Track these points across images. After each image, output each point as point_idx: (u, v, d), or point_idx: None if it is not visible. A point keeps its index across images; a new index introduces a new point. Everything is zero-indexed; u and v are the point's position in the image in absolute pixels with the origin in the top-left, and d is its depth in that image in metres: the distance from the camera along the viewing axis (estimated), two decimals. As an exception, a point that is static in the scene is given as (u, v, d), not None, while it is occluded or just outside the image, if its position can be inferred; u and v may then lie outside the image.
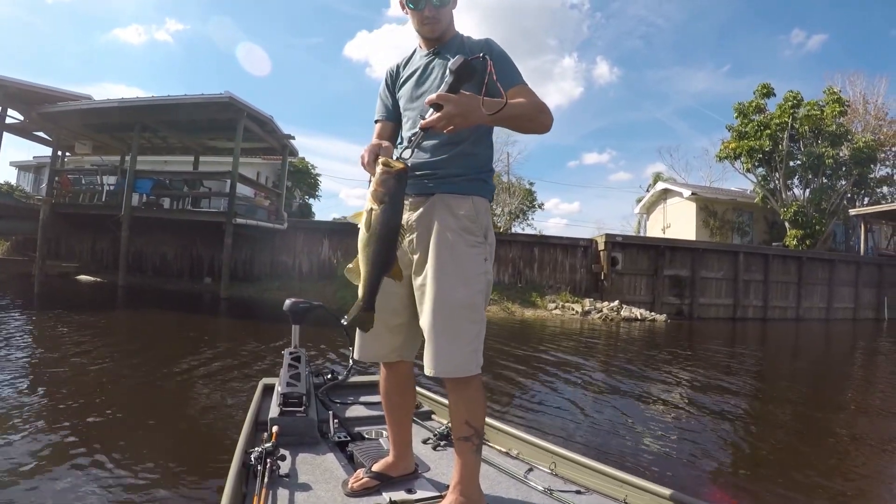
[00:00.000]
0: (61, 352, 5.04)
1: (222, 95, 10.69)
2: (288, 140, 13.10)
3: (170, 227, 12.31)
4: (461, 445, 1.50)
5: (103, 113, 11.88)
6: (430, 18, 1.54)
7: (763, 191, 18.94)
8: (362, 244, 1.30)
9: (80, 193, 12.89)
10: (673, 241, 15.65)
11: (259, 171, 16.74)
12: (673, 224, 20.53)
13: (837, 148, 17.89)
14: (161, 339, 6.55)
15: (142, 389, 3.98)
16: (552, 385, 4.97)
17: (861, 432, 4.01)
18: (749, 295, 14.86)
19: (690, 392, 5.06)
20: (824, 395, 5.65)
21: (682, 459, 3.13)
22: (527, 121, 1.44)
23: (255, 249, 12.72)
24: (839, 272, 16.27)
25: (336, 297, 11.13)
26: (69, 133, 13.19)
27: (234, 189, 11.21)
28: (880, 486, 3.04)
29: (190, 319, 8.68)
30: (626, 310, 12.56)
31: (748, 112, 18.58)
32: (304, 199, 18.96)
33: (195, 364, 4.83)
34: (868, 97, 21.04)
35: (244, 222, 11.36)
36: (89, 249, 13.63)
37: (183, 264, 13.12)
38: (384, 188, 1.27)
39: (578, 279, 13.51)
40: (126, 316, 8.60)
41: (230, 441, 2.90)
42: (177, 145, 14.21)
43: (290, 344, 2.52)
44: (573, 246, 13.63)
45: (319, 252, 12.81)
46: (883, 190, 20.22)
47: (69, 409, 3.35)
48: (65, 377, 4.14)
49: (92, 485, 2.28)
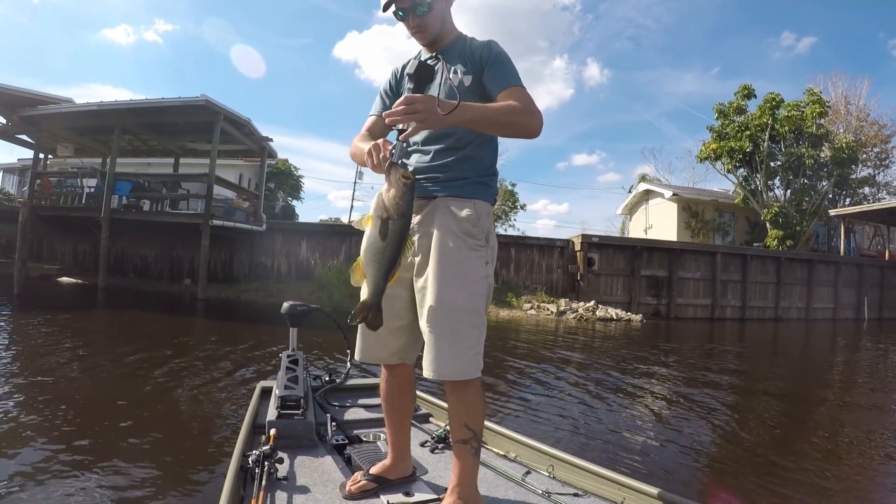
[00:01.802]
0: (34, 353, 5.01)
1: (198, 98, 10.81)
2: (266, 142, 13.23)
3: (151, 229, 12.42)
4: (460, 448, 1.50)
5: (83, 116, 12.01)
6: (418, 27, 1.54)
7: (744, 191, 19.09)
8: (375, 250, 1.32)
9: (62, 196, 13.01)
10: (650, 242, 15.79)
11: (242, 172, 16.87)
12: (655, 225, 20.66)
13: (818, 149, 18.04)
14: (129, 340, 6.54)
15: (119, 390, 3.92)
16: (519, 385, 5.01)
17: (849, 426, 4.12)
18: (727, 295, 15.00)
19: (654, 389, 5.11)
20: (809, 392, 5.72)
21: (638, 457, 3.14)
22: (499, 125, 1.39)
23: (233, 251, 12.85)
24: (818, 272, 16.41)
25: (313, 297, 11.26)
26: (51, 136, 13.30)
27: (210, 191, 11.33)
28: (872, 483, 3.09)
29: (163, 320, 8.79)
30: (601, 310, 12.68)
31: (729, 113, 18.74)
32: (287, 200, 19.09)
33: (161, 364, 4.85)
34: (850, 98, 21.22)
35: (221, 224, 11.49)
36: (71, 251, 13.74)
37: (163, 266, 13.24)
38: (404, 202, 1.29)
39: (555, 279, 13.64)
40: (99, 316, 8.70)
41: (212, 444, 2.96)
42: (157, 148, 14.34)
43: (288, 347, 2.52)
44: (550, 246, 13.76)
45: (298, 253, 12.94)
46: (864, 191, 20.39)
47: (53, 413, 3.27)
48: (40, 380, 4.04)
49: (87, 490, 2.25)
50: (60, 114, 11.98)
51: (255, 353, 5.81)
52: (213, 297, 11.42)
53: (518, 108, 1.38)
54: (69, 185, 13.13)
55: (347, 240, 12.87)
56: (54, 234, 13.40)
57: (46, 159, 14.57)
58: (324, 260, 12.64)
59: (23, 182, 18.77)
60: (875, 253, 19.96)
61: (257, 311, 10.25)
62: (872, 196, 20.34)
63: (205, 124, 11.61)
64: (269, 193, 18.01)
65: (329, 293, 11.48)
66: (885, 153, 21.05)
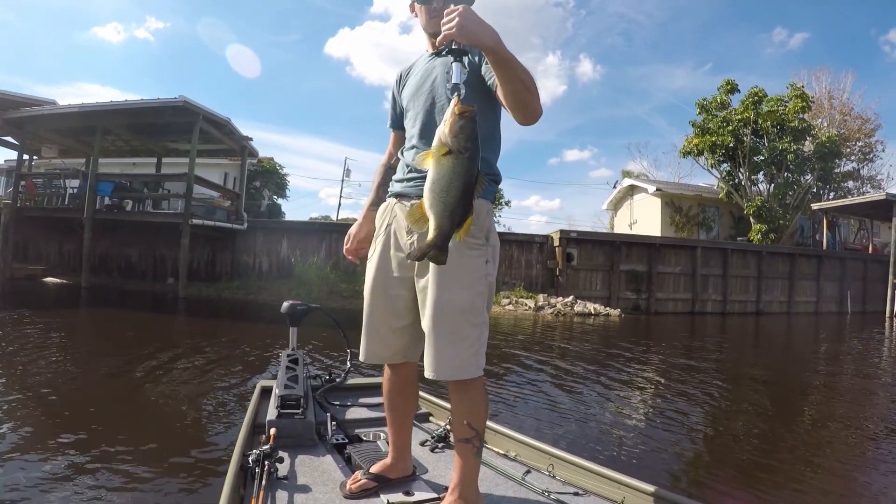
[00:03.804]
0: (11, 353, 5.00)
1: (177, 100, 10.96)
2: (247, 141, 13.41)
3: (134, 229, 12.61)
4: (461, 447, 1.49)
5: (65, 118, 12.20)
6: (439, 11, 1.46)
7: (727, 186, 19.20)
8: (439, 188, 1.19)
9: (45, 197, 13.19)
10: (629, 237, 15.92)
11: (227, 171, 17.03)
12: (639, 220, 20.77)
13: (800, 143, 18.14)
14: (108, 339, 6.58)
15: (102, 391, 3.93)
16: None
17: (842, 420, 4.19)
18: (708, 289, 15.11)
19: (626, 382, 5.15)
20: (794, 380, 5.84)
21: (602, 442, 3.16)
22: (518, 79, 1.28)
23: (215, 249, 13.01)
24: (801, 266, 16.51)
25: (292, 294, 11.41)
26: (35, 137, 13.46)
27: (190, 191, 11.49)
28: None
29: (140, 318, 8.91)
30: (580, 305, 12.79)
31: (711, 108, 18.84)
32: (273, 199, 19.24)
33: (141, 362, 4.86)
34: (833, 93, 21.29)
35: (201, 223, 11.66)
36: (57, 252, 13.89)
37: (147, 265, 13.41)
38: (465, 133, 1.18)
39: (534, 275, 13.76)
40: (77, 315, 8.82)
41: (205, 443, 2.93)
42: (140, 148, 14.50)
43: (288, 346, 2.52)
44: (529, 242, 13.88)
45: (279, 251, 13.09)
46: (848, 184, 20.45)
47: (43, 414, 3.25)
48: (24, 381, 4.01)
49: (86, 490, 2.24)
50: (43, 116, 12.17)
51: (234, 351, 5.86)
52: (194, 296, 11.57)
53: (533, 80, 1.33)
54: (53, 186, 13.32)
55: (327, 237, 13.02)
56: (40, 234, 13.56)
57: (31, 160, 14.75)
58: (304, 257, 12.78)
59: (9, 183, 18.93)
60: (860, 246, 20.06)
61: (237, 309, 10.39)
62: (857, 190, 20.43)
63: (184, 124, 11.77)
64: (255, 192, 18.14)
65: (308, 290, 11.62)
66: (869, 147, 21.24)
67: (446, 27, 1.18)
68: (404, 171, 1.63)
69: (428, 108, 1.55)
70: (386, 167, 1.81)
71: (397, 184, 1.64)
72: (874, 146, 22.07)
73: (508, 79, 1.28)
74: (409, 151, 1.60)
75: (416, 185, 1.51)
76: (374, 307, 1.61)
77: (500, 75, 1.28)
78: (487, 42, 1.20)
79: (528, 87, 1.29)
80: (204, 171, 15.18)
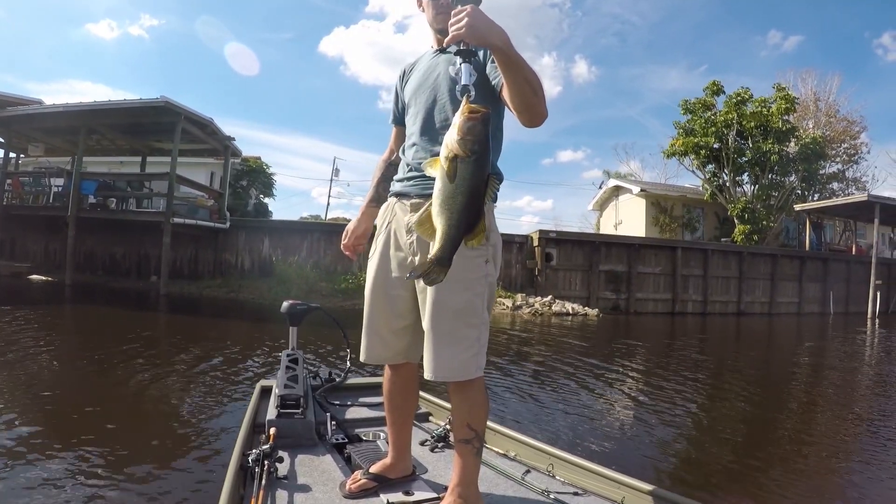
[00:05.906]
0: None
1: (158, 100, 11.12)
2: (229, 141, 13.57)
3: (119, 227, 12.79)
4: (462, 448, 1.49)
5: (50, 117, 12.36)
6: (447, 7, 1.43)
7: (711, 187, 19.32)
8: (444, 196, 1.15)
9: (31, 195, 13.37)
10: (609, 237, 16.06)
11: (213, 171, 17.17)
12: (625, 220, 20.89)
13: (784, 144, 18.23)
14: (88, 336, 6.63)
15: (88, 387, 3.94)
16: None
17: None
18: (688, 290, 15.25)
19: (592, 381, 5.23)
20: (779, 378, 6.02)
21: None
22: (525, 80, 1.26)
23: (198, 248, 13.19)
24: (783, 267, 16.64)
25: (271, 293, 11.59)
26: (21, 136, 13.64)
27: (171, 190, 11.65)
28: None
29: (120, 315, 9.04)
30: (558, 304, 12.93)
31: (695, 109, 18.94)
32: (259, 198, 19.40)
33: (125, 360, 4.91)
34: (819, 94, 21.39)
35: (183, 221, 11.84)
36: (42, 250, 14.05)
37: (131, 263, 13.58)
38: (472, 135, 1.13)
39: (514, 275, 13.90)
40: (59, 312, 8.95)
41: (198, 442, 2.93)
42: (126, 147, 14.68)
43: (288, 346, 2.51)
44: (508, 242, 13.98)
45: (260, 250, 13.26)
46: (833, 186, 20.55)
47: (38, 415, 3.22)
48: (13, 381, 3.98)
49: (86, 491, 2.23)
50: (28, 115, 12.34)
51: (215, 349, 5.92)
52: (176, 294, 11.73)
53: (540, 82, 1.31)
54: (39, 185, 13.50)
55: (308, 236, 13.19)
56: (26, 232, 13.73)
57: (18, 159, 14.93)
58: (285, 256, 12.95)
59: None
60: (845, 248, 20.19)
61: (217, 307, 10.56)
62: (842, 191, 20.54)
63: (167, 124, 11.91)
64: (242, 191, 18.30)
65: (287, 289, 11.78)
66: (855, 149, 21.34)
67: (455, 27, 1.16)
68: (405, 170, 1.62)
69: (429, 105, 1.55)
70: (386, 163, 1.82)
71: (398, 183, 1.63)
72: (860, 148, 22.26)
73: (516, 80, 1.27)
74: (410, 149, 1.60)
75: (417, 185, 1.53)
76: (374, 307, 1.61)
77: (507, 77, 1.27)
78: (496, 43, 1.19)
79: (535, 90, 1.28)
80: (190, 170, 15.37)
